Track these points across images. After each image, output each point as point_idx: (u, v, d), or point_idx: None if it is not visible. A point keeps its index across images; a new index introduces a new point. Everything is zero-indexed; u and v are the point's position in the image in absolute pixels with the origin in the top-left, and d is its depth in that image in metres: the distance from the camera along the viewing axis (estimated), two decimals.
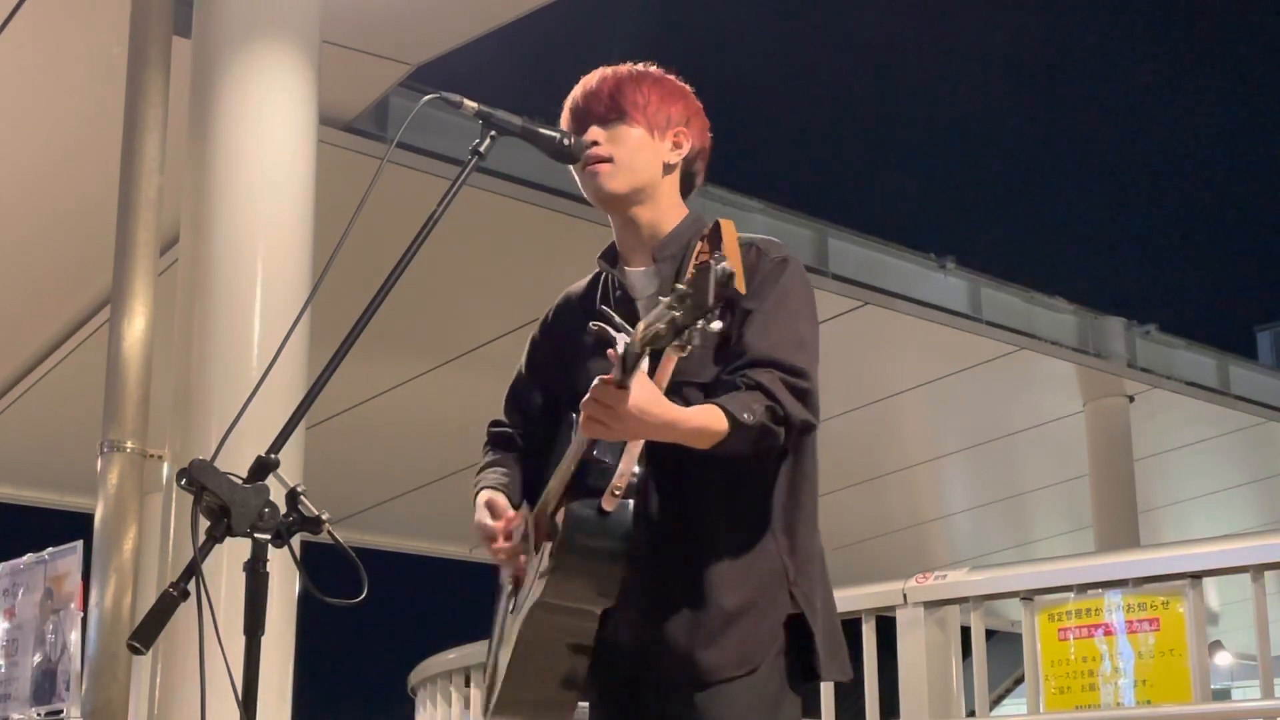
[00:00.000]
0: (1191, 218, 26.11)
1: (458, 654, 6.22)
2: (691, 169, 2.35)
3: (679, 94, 2.33)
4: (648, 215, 2.28)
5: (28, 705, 5.22)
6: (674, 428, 1.99)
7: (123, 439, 4.45)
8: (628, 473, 2.07)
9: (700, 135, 2.35)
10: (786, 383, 2.07)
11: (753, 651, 2.10)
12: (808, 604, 2.14)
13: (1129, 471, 9.36)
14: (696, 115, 2.35)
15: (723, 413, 2.01)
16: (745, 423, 2.01)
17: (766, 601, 2.12)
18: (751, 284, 2.13)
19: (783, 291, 2.17)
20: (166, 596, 1.88)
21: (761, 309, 2.14)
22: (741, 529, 2.14)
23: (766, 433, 2.04)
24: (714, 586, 2.11)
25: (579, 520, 2.06)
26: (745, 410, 2.02)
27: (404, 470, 10.02)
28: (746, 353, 2.11)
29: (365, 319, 2.04)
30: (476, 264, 7.01)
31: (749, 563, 2.13)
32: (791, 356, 2.10)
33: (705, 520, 2.14)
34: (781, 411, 2.05)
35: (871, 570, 5.66)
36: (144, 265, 4.60)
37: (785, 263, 2.20)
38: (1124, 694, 4.10)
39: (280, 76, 4.55)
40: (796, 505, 2.18)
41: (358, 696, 17.38)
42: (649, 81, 2.30)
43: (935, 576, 4.50)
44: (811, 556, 2.18)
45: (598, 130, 2.27)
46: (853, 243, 8.07)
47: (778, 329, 2.13)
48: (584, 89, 2.31)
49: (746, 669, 2.10)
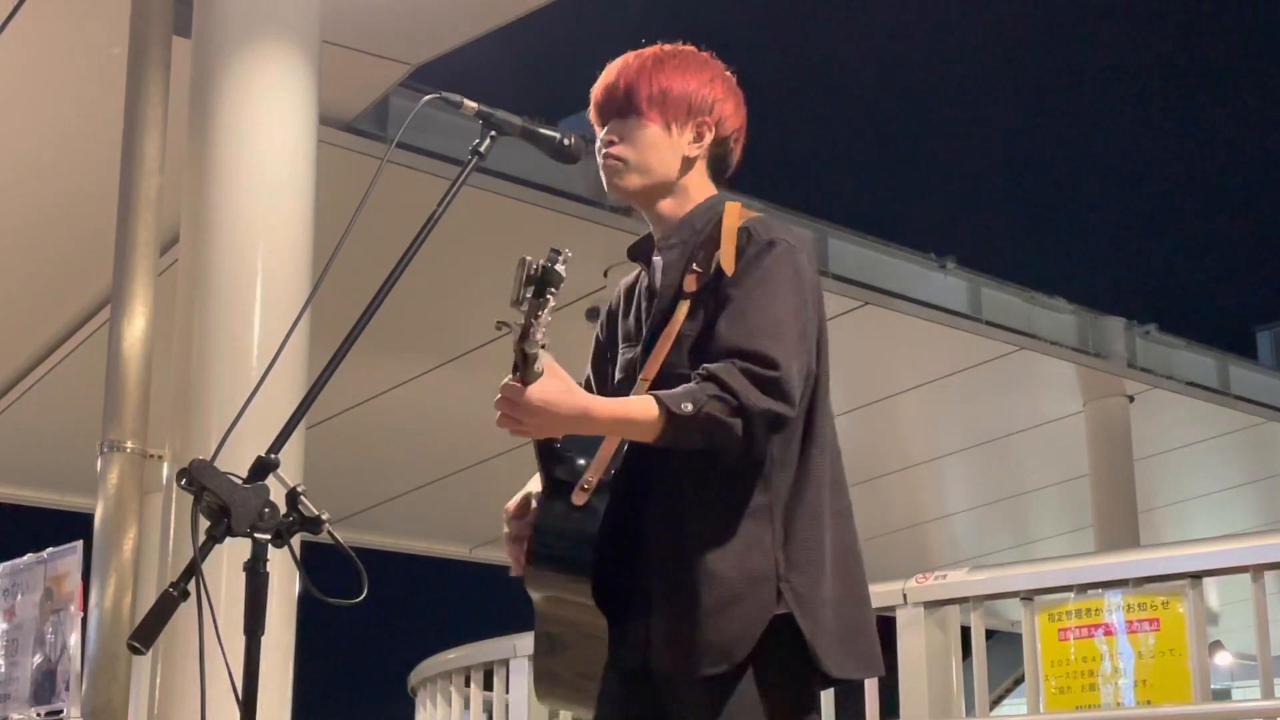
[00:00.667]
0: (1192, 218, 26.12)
1: (458, 654, 6.22)
2: (722, 152, 2.30)
3: (704, 77, 2.26)
4: (671, 208, 2.26)
5: (28, 705, 5.22)
6: (589, 417, 1.98)
7: (123, 439, 4.45)
8: (600, 467, 2.08)
9: (731, 117, 2.28)
10: (749, 372, 2.01)
11: (733, 646, 2.06)
12: (800, 600, 2.08)
13: (1129, 471, 9.36)
14: (725, 97, 2.28)
15: (655, 402, 1.98)
16: (682, 413, 1.97)
17: (752, 596, 2.07)
18: (736, 268, 2.11)
19: (764, 274, 2.11)
20: (166, 596, 1.88)
21: (737, 294, 2.10)
22: (729, 524, 2.10)
23: (717, 424, 1.99)
24: (698, 580, 2.07)
25: (541, 526, 2.09)
26: (685, 400, 1.98)
27: (404, 470, 10.02)
28: (717, 341, 2.08)
29: (365, 319, 2.04)
30: (476, 264, 7.01)
31: (736, 557, 2.08)
32: (759, 344, 2.04)
33: (691, 515, 2.11)
34: (735, 402, 1.99)
35: (871, 570, 5.64)
36: (144, 265, 4.61)
37: (772, 245, 2.13)
38: (1124, 694, 4.10)
39: (280, 76, 4.55)
40: (799, 501, 2.12)
41: (358, 696, 17.39)
42: (669, 69, 2.25)
43: (935, 576, 4.50)
44: (815, 552, 2.12)
45: (615, 126, 2.25)
46: (853, 243, 8.07)
47: (753, 316, 2.08)
48: (602, 82, 2.28)
49: (727, 664, 2.05)
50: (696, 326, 2.14)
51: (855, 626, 2.15)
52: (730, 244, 2.14)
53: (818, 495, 2.15)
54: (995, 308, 8.56)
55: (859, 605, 2.18)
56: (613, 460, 2.11)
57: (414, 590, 15.73)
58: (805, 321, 2.12)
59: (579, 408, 1.97)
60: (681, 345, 2.14)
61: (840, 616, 2.13)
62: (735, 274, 2.11)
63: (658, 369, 2.14)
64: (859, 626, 2.16)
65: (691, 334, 2.14)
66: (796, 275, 2.13)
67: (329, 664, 14.94)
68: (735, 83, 2.32)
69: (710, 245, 2.17)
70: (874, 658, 2.19)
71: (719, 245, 2.15)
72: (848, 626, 2.14)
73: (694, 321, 2.15)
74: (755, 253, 2.12)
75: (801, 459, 2.15)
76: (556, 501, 2.09)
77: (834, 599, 2.12)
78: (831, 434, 2.20)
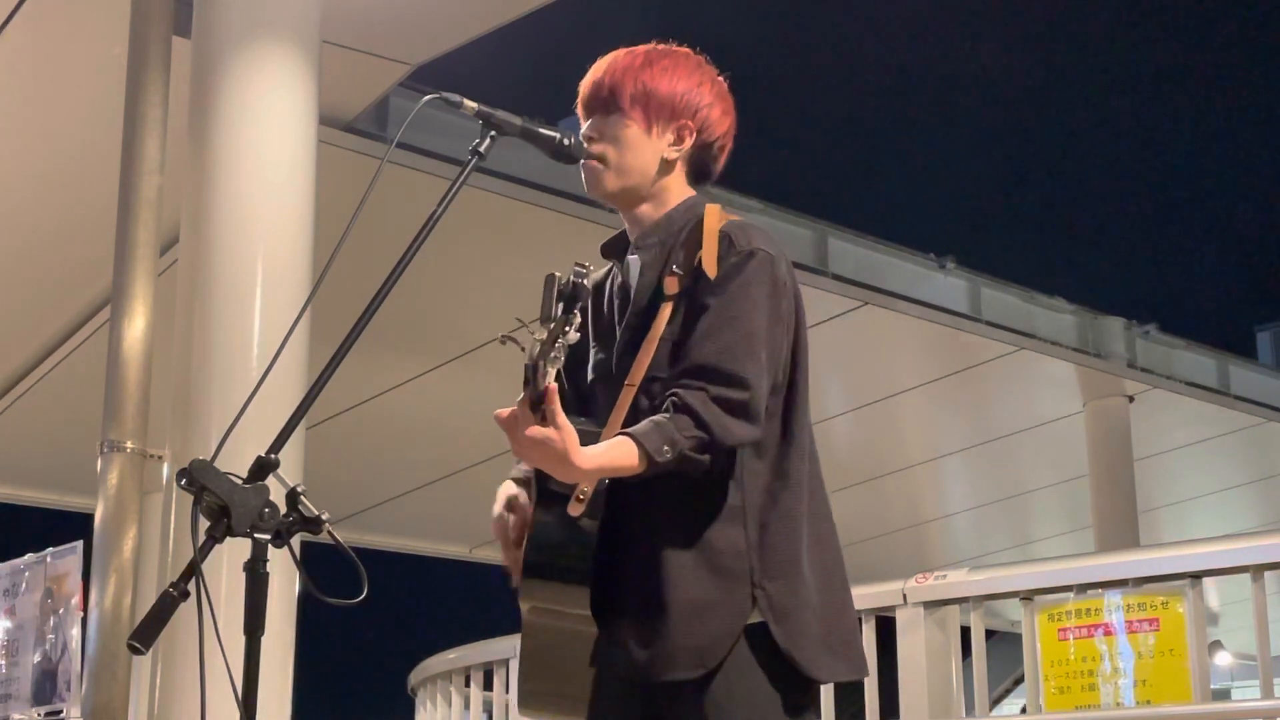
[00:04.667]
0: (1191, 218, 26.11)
1: (458, 654, 6.22)
2: (704, 157, 2.29)
3: (692, 80, 2.25)
4: (648, 209, 2.26)
5: (28, 705, 5.22)
6: (574, 467, 1.97)
7: (123, 439, 4.45)
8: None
9: (717, 122, 2.27)
10: (720, 400, 2.03)
11: (705, 650, 2.05)
12: (775, 606, 2.07)
13: (1129, 471, 9.35)
14: (713, 102, 2.26)
15: (637, 448, 1.99)
16: (661, 461, 1.99)
17: (725, 599, 2.07)
18: (716, 275, 2.11)
19: (742, 287, 2.10)
20: (166, 596, 1.88)
21: (715, 305, 2.10)
22: (702, 527, 2.10)
23: (689, 462, 2.02)
24: (670, 583, 2.07)
25: (537, 536, 2.09)
26: (665, 443, 1.99)
27: (404, 470, 10.02)
28: (690, 354, 2.09)
29: (365, 319, 2.04)
30: (476, 264, 7.01)
31: (709, 559, 2.08)
32: (732, 364, 2.05)
33: (665, 519, 2.11)
34: (707, 439, 2.01)
35: (871, 570, 5.66)
36: (144, 265, 4.60)
37: (751, 255, 2.12)
38: (1124, 694, 4.10)
39: (280, 77, 4.55)
40: (773, 504, 2.12)
41: (358, 696, 17.39)
42: (657, 69, 2.24)
43: (935, 576, 4.50)
44: (790, 556, 2.11)
45: (596, 124, 2.25)
46: (853, 243, 8.06)
47: (728, 331, 2.08)
48: (590, 78, 2.28)
49: (700, 669, 2.05)
50: (676, 330, 2.14)
51: (838, 629, 2.15)
52: (712, 246, 2.13)
53: (794, 498, 2.14)
54: (995, 308, 8.56)
55: (841, 607, 2.17)
56: None
57: (414, 590, 15.73)
58: (778, 339, 2.13)
59: (569, 460, 1.96)
60: (662, 348, 2.14)
61: (823, 619, 2.12)
62: (715, 281, 2.10)
63: (642, 374, 2.14)
64: (842, 628, 2.16)
65: (672, 338, 2.14)
66: (774, 288, 2.13)
67: (329, 664, 14.94)
68: (726, 88, 2.30)
69: (690, 246, 2.17)
70: (860, 659, 2.18)
71: (699, 246, 2.14)
72: (830, 629, 2.13)
73: (675, 324, 2.15)
74: (736, 262, 2.12)
75: (779, 462, 2.15)
76: (551, 512, 2.09)
77: (815, 602, 2.12)
78: (809, 439, 2.20)
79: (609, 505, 2.10)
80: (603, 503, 2.08)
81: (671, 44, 2.31)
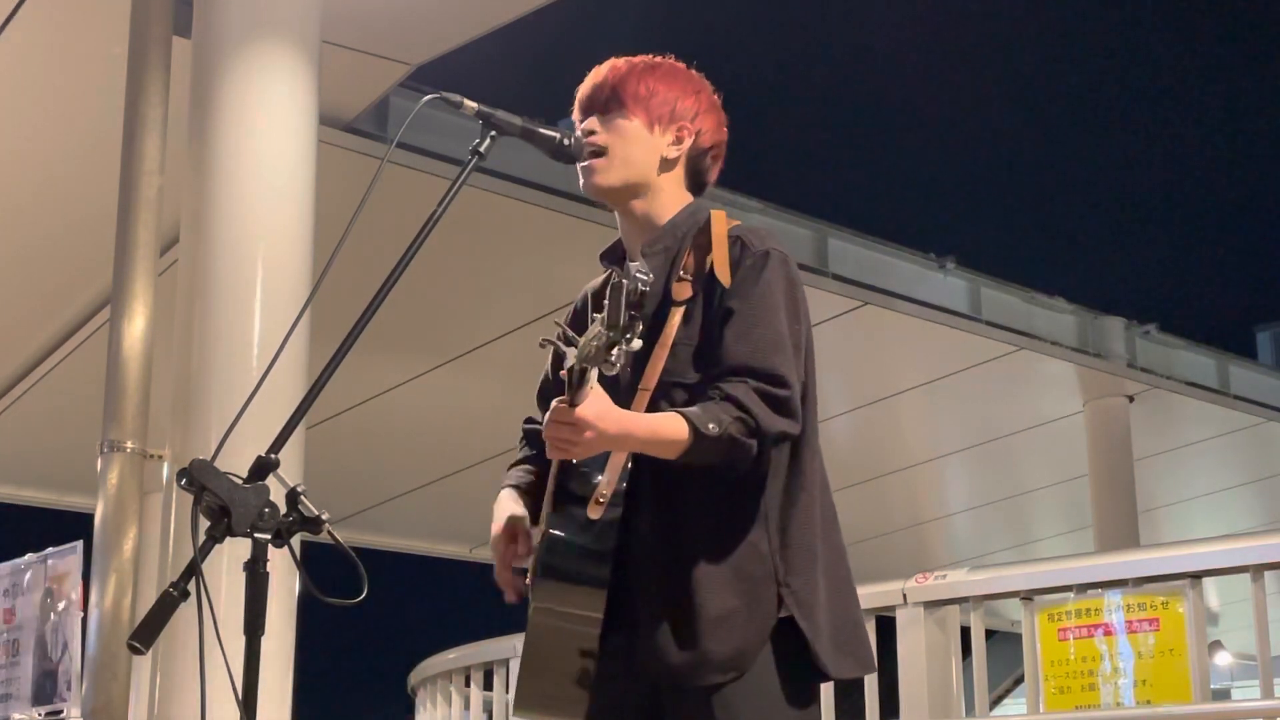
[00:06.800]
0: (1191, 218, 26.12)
1: (458, 654, 6.22)
2: (699, 166, 2.32)
3: (690, 88, 2.30)
4: (645, 210, 2.27)
5: (28, 705, 5.22)
6: (631, 437, 2.00)
7: (123, 439, 4.45)
8: (614, 480, 2.08)
9: (712, 132, 2.31)
10: (762, 393, 2.05)
11: (740, 654, 2.08)
12: (800, 603, 2.10)
13: (1129, 471, 9.36)
14: (708, 111, 2.31)
15: (685, 422, 2.00)
16: (709, 434, 2.00)
17: (754, 603, 2.09)
18: (734, 279, 2.12)
19: (765, 287, 2.13)
20: (166, 596, 1.88)
21: (742, 308, 2.12)
22: (727, 531, 2.11)
23: (736, 445, 2.03)
24: (699, 589, 2.09)
25: (554, 537, 2.09)
26: (711, 421, 2.01)
27: (404, 470, 10.02)
28: (725, 357, 2.10)
29: (365, 319, 2.04)
30: (476, 264, 7.01)
31: (736, 564, 2.10)
32: (769, 362, 2.08)
33: (689, 524, 2.12)
34: (754, 424, 2.03)
35: (871, 570, 5.65)
36: (144, 265, 4.60)
37: (767, 256, 2.15)
38: (1124, 694, 4.10)
39: (280, 77, 4.54)
40: (792, 504, 2.15)
41: (358, 696, 17.38)
42: (659, 74, 2.28)
43: (935, 576, 4.50)
44: (809, 554, 2.14)
45: (596, 120, 2.27)
46: (853, 243, 8.07)
47: (759, 330, 2.10)
48: (590, 80, 2.30)
49: (735, 672, 2.07)
50: (692, 333, 2.15)
51: (847, 626, 2.18)
52: (723, 252, 2.14)
53: (809, 498, 2.17)
54: (995, 308, 8.56)
55: (849, 606, 2.20)
56: (621, 473, 2.11)
57: (414, 590, 15.72)
58: (800, 336, 2.16)
59: (623, 427, 1.99)
60: (677, 353, 2.15)
61: (833, 617, 2.15)
62: (734, 284, 2.12)
63: (656, 379, 2.14)
64: (850, 626, 2.19)
65: (688, 341, 2.15)
66: (791, 286, 2.17)
67: (329, 664, 14.94)
68: (719, 103, 2.34)
69: (698, 252, 2.18)
70: (867, 655, 2.21)
71: (706, 252, 2.16)
72: (839, 627, 2.16)
73: (689, 328, 2.15)
74: (753, 264, 2.14)
75: (794, 462, 2.17)
76: (569, 514, 2.09)
77: (826, 600, 2.14)
78: (818, 436, 2.22)
79: (629, 508, 2.10)
80: (622, 505, 2.09)
81: (669, 56, 2.35)
